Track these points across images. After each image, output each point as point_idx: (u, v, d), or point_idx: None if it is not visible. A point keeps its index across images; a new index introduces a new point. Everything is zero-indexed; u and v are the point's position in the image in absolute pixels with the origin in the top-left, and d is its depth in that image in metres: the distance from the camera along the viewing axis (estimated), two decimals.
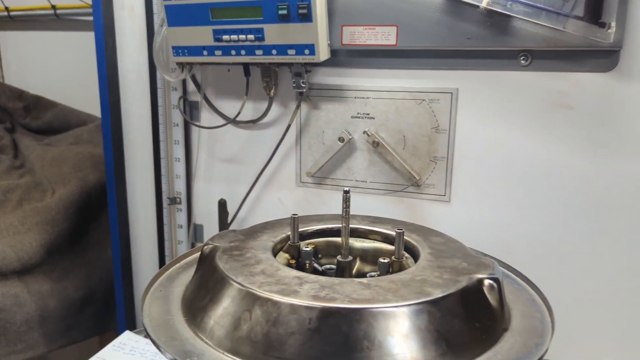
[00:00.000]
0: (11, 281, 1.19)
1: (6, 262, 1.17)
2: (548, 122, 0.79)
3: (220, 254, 0.53)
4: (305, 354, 0.42)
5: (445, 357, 0.44)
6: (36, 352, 1.19)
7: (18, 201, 1.36)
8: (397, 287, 0.47)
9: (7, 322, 1.16)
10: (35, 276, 1.24)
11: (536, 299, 0.55)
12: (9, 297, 1.17)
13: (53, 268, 1.27)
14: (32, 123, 1.70)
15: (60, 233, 1.28)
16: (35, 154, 1.54)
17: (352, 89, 0.89)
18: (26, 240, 1.23)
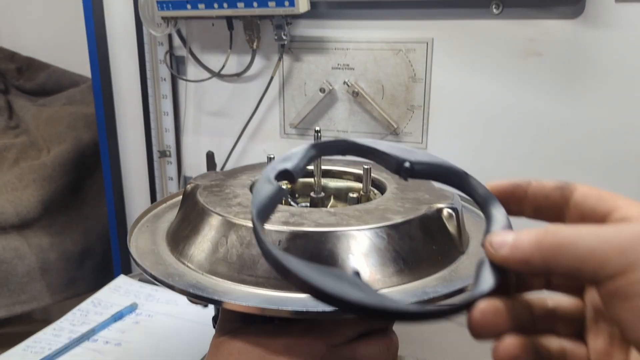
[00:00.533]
0: (11, 235, 1.24)
1: (5, 217, 1.21)
2: (519, 69, 0.82)
3: (201, 190, 0.57)
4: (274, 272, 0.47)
5: (402, 274, 0.48)
6: (40, 303, 1.25)
7: (14, 159, 1.40)
8: (361, 214, 0.51)
9: (8, 274, 1.21)
10: (34, 230, 1.29)
11: None
12: (9, 250, 1.21)
13: (51, 223, 1.31)
14: (25, 84, 1.72)
15: (57, 189, 1.32)
16: (30, 114, 1.57)
17: (332, 40, 0.91)
18: (24, 196, 1.27)
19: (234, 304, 0.44)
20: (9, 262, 1.21)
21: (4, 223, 1.21)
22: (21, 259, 1.22)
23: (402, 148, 0.42)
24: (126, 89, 1.09)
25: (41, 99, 1.67)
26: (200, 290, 0.46)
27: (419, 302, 0.45)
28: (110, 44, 1.08)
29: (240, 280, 0.47)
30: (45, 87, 1.69)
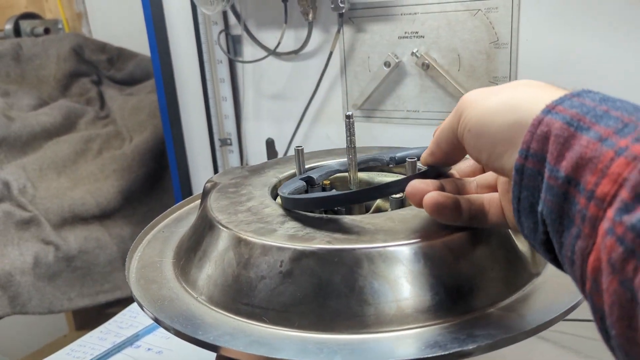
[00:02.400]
0: (92, 225, 1.25)
1: (86, 207, 1.23)
2: (632, 24, 0.63)
3: (215, 191, 0.49)
4: (275, 300, 0.37)
5: (440, 308, 0.36)
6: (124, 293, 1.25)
7: (98, 150, 1.42)
8: (394, 224, 0.39)
9: (91, 264, 1.22)
10: (115, 220, 1.30)
11: None
12: (91, 240, 1.23)
13: (132, 213, 1.32)
14: (116, 75, 1.75)
15: (137, 179, 1.32)
16: (117, 104, 1.59)
17: (398, 4, 0.78)
18: (104, 186, 1.28)
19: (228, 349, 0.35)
20: (91, 252, 1.22)
21: (85, 214, 1.23)
22: (103, 249, 1.23)
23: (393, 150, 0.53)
24: (186, 72, 1.04)
25: (130, 88, 1.70)
26: (184, 323, 0.37)
27: None
28: (169, 26, 1.02)
29: (235, 310, 0.38)
30: (134, 76, 1.71)
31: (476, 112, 0.33)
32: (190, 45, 1.00)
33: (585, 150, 0.26)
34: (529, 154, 0.29)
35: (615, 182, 0.24)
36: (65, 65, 1.63)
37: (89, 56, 1.72)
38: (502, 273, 0.38)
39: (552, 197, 0.27)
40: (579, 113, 0.27)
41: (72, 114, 1.50)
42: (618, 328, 0.24)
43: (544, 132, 0.28)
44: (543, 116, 0.28)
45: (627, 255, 0.23)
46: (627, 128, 0.25)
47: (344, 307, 0.36)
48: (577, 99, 0.28)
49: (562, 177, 0.27)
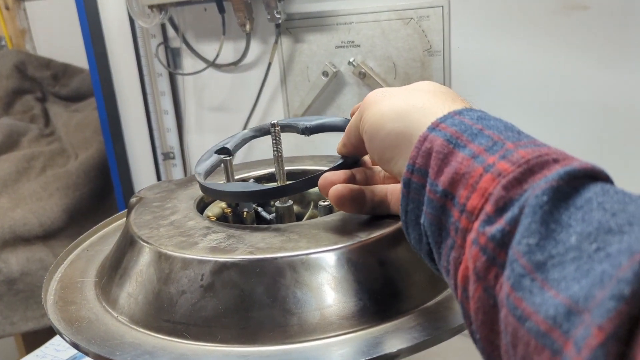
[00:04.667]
0: (36, 246, 1.21)
1: (28, 228, 1.18)
2: (559, 29, 0.66)
3: (139, 206, 0.47)
4: (196, 315, 0.36)
5: (366, 313, 0.36)
6: None
7: (42, 168, 1.37)
8: (317, 231, 0.39)
9: (34, 286, 1.17)
10: (60, 240, 1.25)
11: None
12: (34, 261, 1.18)
13: (78, 231, 1.27)
14: (61, 91, 1.70)
15: (82, 197, 1.28)
16: (62, 120, 1.55)
17: (333, 14, 0.78)
18: (48, 205, 1.24)
19: None
20: (34, 274, 1.18)
21: (28, 234, 1.18)
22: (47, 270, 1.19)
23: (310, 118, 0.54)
24: (127, 87, 1.02)
25: (75, 104, 1.65)
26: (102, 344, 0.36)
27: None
28: (108, 40, 1.00)
29: (156, 328, 0.37)
30: (80, 92, 1.66)
31: (372, 114, 0.34)
32: (129, 59, 0.98)
33: (460, 166, 0.27)
34: (414, 169, 0.30)
35: (482, 197, 0.26)
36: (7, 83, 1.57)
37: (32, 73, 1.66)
38: (426, 275, 0.39)
39: (431, 210, 0.29)
40: (458, 131, 0.29)
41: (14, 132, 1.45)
42: (482, 331, 0.25)
43: (427, 149, 0.29)
44: (428, 133, 0.30)
45: (489, 264, 0.24)
46: (495, 146, 0.27)
47: (267, 318, 0.35)
48: (458, 117, 0.30)
49: (440, 191, 0.28)
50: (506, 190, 0.25)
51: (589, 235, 0.21)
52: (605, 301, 0.18)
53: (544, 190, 0.23)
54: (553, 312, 0.20)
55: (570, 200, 0.23)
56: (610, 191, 0.23)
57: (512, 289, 0.23)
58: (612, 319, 0.18)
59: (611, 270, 0.19)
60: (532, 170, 0.25)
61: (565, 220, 0.23)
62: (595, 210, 0.22)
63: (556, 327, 0.20)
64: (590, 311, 0.19)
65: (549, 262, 0.22)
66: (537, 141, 0.28)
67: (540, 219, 0.23)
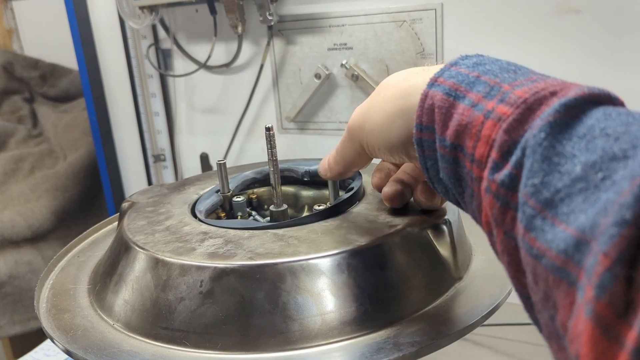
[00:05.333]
0: (24, 248, 1.19)
1: (16, 230, 1.17)
2: (551, 32, 0.66)
3: (132, 211, 0.47)
4: (196, 322, 0.35)
5: (367, 319, 0.36)
6: None
7: (30, 169, 1.36)
8: (316, 236, 0.39)
9: (22, 289, 1.16)
10: (49, 242, 1.24)
11: None
12: (22, 264, 1.17)
13: (67, 233, 1.26)
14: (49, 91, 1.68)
15: (71, 198, 1.27)
16: (50, 121, 1.53)
17: (326, 16, 0.78)
18: (36, 207, 1.23)
19: None
20: (22, 277, 1.16)
21: (16, 237, 1.17)
22: (35, 273, 1.17)
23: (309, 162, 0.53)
24: (117, 89, 1.01)
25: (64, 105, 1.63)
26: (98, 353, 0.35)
27: None
28: (97, 41, 0.99)
29: (154, 335, 0.36)
30: (68, 92, 1.65)
31: (373, 124, 0.34)
32: (119, 60, 0.97)
33: (462, 117, 0.28)
34: (422, 127, 0.30)
35: (487, 144, 0.26)
36: None
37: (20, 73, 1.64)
38: (425, 279, 0.38)
39: (446, 165, 0.29)
40: (456, 83, 0.29)
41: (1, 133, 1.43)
42: (510, 271, 0.26)
43: (430, 105, 0.30)
44: (428, 90, 0.30)
45: (505, 208, 0.25)
46: (493, 91, 0.27)
47: (268, 325, 0.35)
48: (455, 68, 0.30)
49: (449, 144, 0.29)
50: (508, 133, 0.25)
51: (594, 165, 0.21)
52: (609, 228, 0.19)
53: (540, 128, 0.24)
54: (564, 246, 0.21)
55: (572, 130, 0.23)
56: (612, 114, 0.23)
57: (525, 230, 0.23)
58: (616, 244, 0.18)
59: (614, 196, 0.20)
60: (531, 109, 0.25)
61: (569, 150, 0.23)
62: (599, 137, 0.22)
63: (569, 259, 0.20)
64: (596, 239, 0.19)
65: (556, 197, 0.22)
66: (534, 76, 0.28)
67: (540, 157, 0.23)
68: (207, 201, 0.47)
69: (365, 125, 0.35)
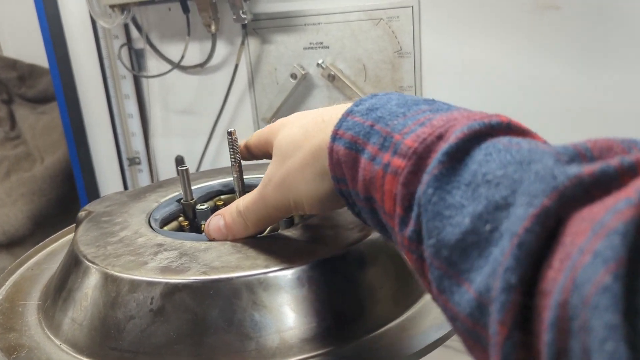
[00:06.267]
0: None
1: None
2: (530, 29, 0.64)
3: (88, 221, 0.44)
4: (146, 342, 0.33)
5: (330, 335, 0.33)
6: None
7: (6, 173, 1.33)
8: (277, 247, 0.37)
9: None
10: (25, 247, 1.21)
11: None
12: None
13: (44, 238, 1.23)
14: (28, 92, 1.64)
15: (49, 202, 1.24)
16: (28, 123, 1.50)
17: (301, 14, 0.76)
18: (11, 212, 1.20)
19: None
20: None
21: None
22: None
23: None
24: (90, 90, 0.98)
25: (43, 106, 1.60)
26: None
27: None
28: (69, 41, 0.96)
29: (102, 356, 0.34)
30: (47, 94, 1.61)
31: (300, 199, 0.33)
32: (92, 61, 0.95)
33: (365, 172, 0.27)
34: (338, 180, 0.30)
35: (391, 199, 0.26)
36: None
37: None
38: (392, 291, 0.36)
39: (367, 215, 0.29)
40: (354, 135, 0.28)
41: None
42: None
43: (337, 160, 0.29)
44: (332, 144, 0.29)
45: (421, 262, 0.24)
46: (386, 142, 0.27)
47: (223, 344, 0.33)
48: (351, 117, 0.29)
49: (363, 197, 0.28)
50: (405, 187, 0.25)
51: (481, 216, 0.21)
52: (499, 294, 0.18)
53: (428, 183, 0.23)
54: (469, 309, 0.21)
55: (459, 177, 0.23)
56: (493, 153, 0.22)
57: (438, 291, 0.23)
58: (508, 311, 0.18)
59: (500, 256, 0.19)
60: (422, 157, 0.25)
61: (458, 200, 0.22)
62: (482, 184, 0.22)
63: (476, 322, 0.20)
64: (492, 303, 0.19)
65: (453, 254, 0.22)
66: (422, 117, 0.27)
67: (432, 214, 0.23)
68: (166, 209, 0.45)
69: (289, 195, 0.34)
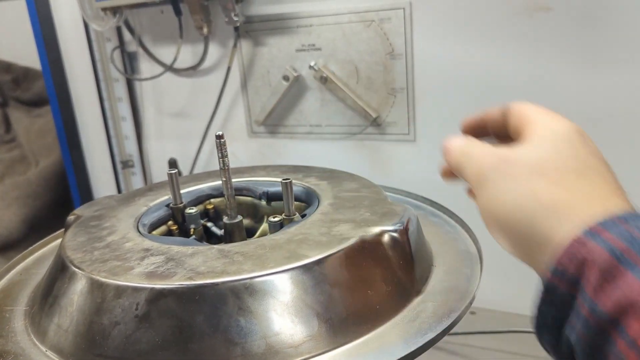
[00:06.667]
0: None
1: None
2: (522, 30, 0.64)
3: (76, 226, 0.44)
4: (130, 348, 0.33)
5: (318, 339, 0.33)
6: None
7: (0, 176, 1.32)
8: (264, 252, 0.36)
9: None
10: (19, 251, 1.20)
11: (472, 250, 0.44)
12: None
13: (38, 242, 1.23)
14: (23, 95, 1.64)
15: (43, 206, 1.23)
16: (23, 126, 1.49)
17: (293, 16, 0.76)
18: (5, 215, 1.19)
19: None
20: None
21: None
22: None
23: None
24: (83, 93, 0.98)
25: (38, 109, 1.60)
26: None
27: None
28: (62, 44, 0.96)
29: None
30: (42, 96, 1.60)
31: (491, 203, 0.30)
32: (85, 64, 0.94)
33: (631, 291, 0.23)
34: (563, 276, 0.25)
35: None
36: None
37: None
38: (380, 296, 0.36)
39: (585, 330, 0.25)
40: (628, 246, 0.24)
41: None
42: None
43: (584, 258, 0.25)
44: (585, 239, 0.25)
45: None
46: None
47: (208, 350, 0.33)
48: (625, 227, 0.25)
49: (603, 314, 0.24)
50: None
51: None
52: None
53: None
54: None
55: None
56: None
57: None
58: None
59: None
60: None
61: None
62: None
63: None
64: None
65: None
66: None
67: None
68: (155, 214, 0.45)
69: (489, 186, 0.30)
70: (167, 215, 0.47)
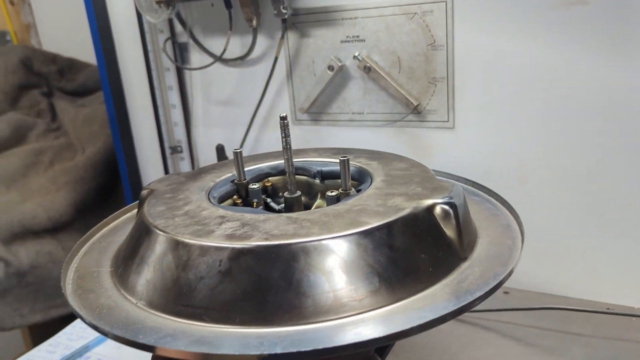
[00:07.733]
0: (45, 239, 1.23)
1: (37, 221, 1.20)
2: (559, 23, 0.67)
3: (151, 198, 0.49)
4: (215, 299, 0.38)
5: (378, 295, 0.38)
6: None
7: (49, 162, 1.39)
8: (328, 219, 0.41)
9: (43, 279, 1.19)
10: (69, 233, 1.27)
11: (512, 225, 0.47)
12: (43, 254, 1.20)
13: (86, 225, 1.29)
14: (67, 86, 1.72)
15: (90, 191, 1.29)
16: (69, 115, 1.56)
17: (339, 9, 0.80)
18: (56, 199, 1.26)
19: (166, 348, 0.35)
20: (44, 267, 1.20)
21: (37, 227, 1.20)
22: (56, 263, 1.21)
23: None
24: (135, 82, 1.03)
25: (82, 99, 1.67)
26: (124, 329, 0.37)
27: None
28: (115, 35, 1.01)
29: (175, 312, 0.39)
30: (86, 86, 1.68)
31: None
32: (137, 54, 1.00)
33: None
34: None
35: None
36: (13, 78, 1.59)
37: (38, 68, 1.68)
38: (432, 259, 0.40)
39: None
40: None
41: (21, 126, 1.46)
42: None
43: None
44: None
45: None
46: None
47: (283, 301, 0.37)
48: None
49: None
50: None
51: None
52: None
53: None
54: None
55: None
56: None
57: None
58: None
59: None
60: None
61: None
62: None
63: None
64: None
65: None
66: None
67: None
68: (222, 189, 0.50)
69: None
70: (233, 190, 0.52)
